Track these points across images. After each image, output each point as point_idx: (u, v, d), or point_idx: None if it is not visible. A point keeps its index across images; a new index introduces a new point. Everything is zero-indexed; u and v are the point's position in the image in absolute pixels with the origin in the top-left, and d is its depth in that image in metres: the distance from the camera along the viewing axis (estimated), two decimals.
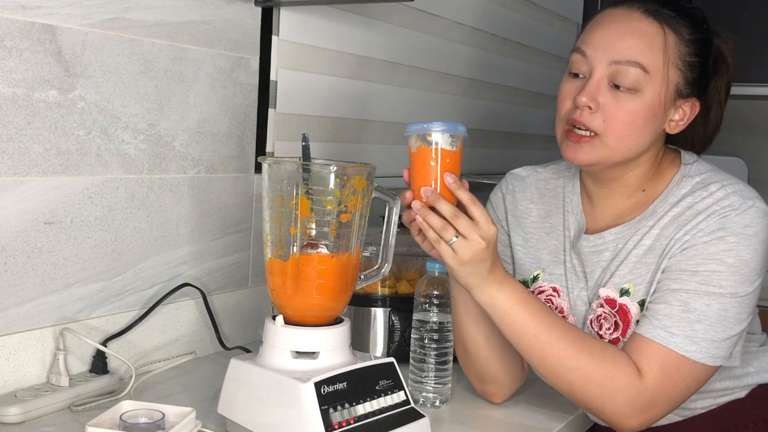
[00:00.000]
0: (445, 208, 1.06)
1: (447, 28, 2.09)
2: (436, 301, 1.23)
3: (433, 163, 1.07)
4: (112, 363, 1.23)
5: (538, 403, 1.29)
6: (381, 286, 1.43)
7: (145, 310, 1.31)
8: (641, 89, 1.13)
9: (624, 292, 1.18)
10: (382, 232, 1.12)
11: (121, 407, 0.98)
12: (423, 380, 1.23)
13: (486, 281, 1.10)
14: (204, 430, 1.03)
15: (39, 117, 1.13)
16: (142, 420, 0.96)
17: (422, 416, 1.07)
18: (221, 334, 1.43)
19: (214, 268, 1.45)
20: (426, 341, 1.23)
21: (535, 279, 1.29)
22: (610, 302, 1.18)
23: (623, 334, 1.17)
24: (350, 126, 1.79)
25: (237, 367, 1.06)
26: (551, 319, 1.11)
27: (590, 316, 1.21)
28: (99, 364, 1.21)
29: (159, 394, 1.22)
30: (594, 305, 1.21)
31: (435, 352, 1.23)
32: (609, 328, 1.19)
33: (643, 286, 1.17)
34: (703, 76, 1.18)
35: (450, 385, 1.26)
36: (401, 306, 1.41)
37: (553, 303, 1.26)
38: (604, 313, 1.19)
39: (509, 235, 1.33)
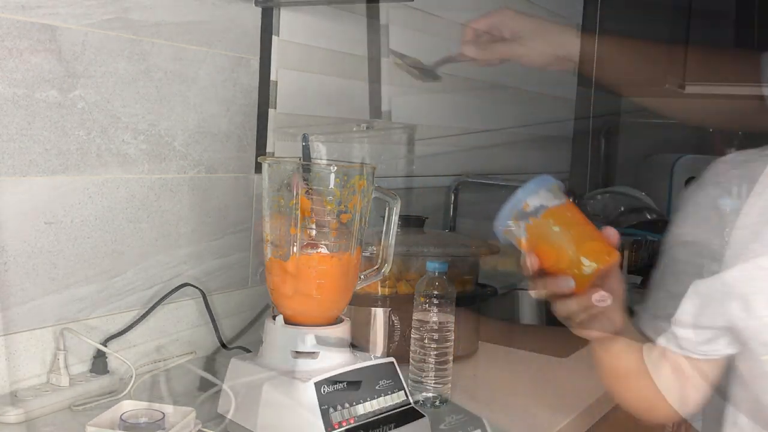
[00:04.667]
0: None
1: (447, 28, 2.09)
2: (436, 301, 1.23)
3: (557, 229, 0.89)
4: (112, 363, 1.23)
5: (539, 403, 1.29)
6: (381, 286, 1.43)
7: (145, 310, 1.31)
8: None
9: None
10: (382, 232, 1.12)
11: (121, 407, 0.98)
12: (423, 380, 1.23)
13: None
14: (204, 430, 1.03)
15: (39, 117, 1.13)
16: (142, 420, 0.96)
17: (422, 416, 1.07)
18: (221, 334, 1.43)
19: (214, 268, 1.45)
20: (426, 341, 1.23)
21: None
22: None
23: None
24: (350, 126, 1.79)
25: (237, 367, 1.06)
26: None
27: None
28: (99, 364, 1.21)
29: (159, 394, 1.22)
30: None
31: (435, 352, 1.23)
32: None
33: None
34: None
35: (450, 385, 1.26)
36: (401, 306, 1.41)
37: None
38: None
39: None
